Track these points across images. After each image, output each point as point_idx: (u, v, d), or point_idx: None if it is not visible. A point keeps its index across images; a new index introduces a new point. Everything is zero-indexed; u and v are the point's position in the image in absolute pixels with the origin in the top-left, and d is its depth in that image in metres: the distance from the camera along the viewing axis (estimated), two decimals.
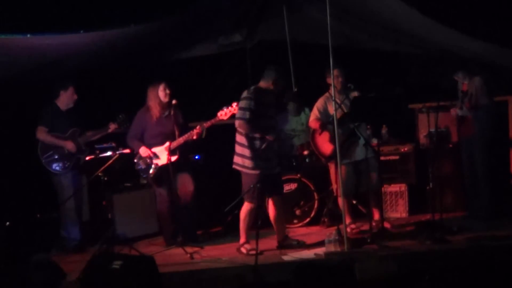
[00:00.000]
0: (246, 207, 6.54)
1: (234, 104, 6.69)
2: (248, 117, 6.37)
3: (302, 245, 6.63)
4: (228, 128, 6.80)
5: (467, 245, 6.19)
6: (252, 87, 6.53)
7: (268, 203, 6.64)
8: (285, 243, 6.69)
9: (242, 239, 6.60)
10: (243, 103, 6.44)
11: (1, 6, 6.13)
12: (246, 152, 6.45)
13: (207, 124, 6.84)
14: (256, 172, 6.42)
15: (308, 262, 6.06)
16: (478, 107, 7.03)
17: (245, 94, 6.49)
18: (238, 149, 6.53)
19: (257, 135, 6.43)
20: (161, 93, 7.02)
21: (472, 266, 5.66)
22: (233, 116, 6.67)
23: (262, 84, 6.55)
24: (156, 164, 7.03)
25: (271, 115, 6.59)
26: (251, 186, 6.36)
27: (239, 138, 6.52)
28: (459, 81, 7.23)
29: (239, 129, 6.48)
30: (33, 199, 7.44)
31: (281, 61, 7.65)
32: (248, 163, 6.45)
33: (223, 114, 6.77)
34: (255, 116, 6.39)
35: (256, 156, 6.43)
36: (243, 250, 6.55)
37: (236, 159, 6.54)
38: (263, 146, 6.40)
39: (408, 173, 7.83)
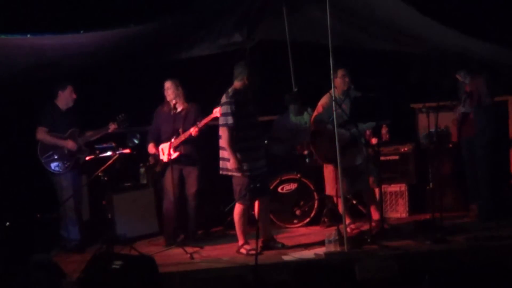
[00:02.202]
0: (238, 208, 6.53)
1: None
2: (231, 122, 6.34)
3: (286, 248, 6.62)
4: None
5: (467, 245, 6.19)
6: (230, 90, 6.47)
7: (254, 203, 6.65)
8: (270, 244, 6.68)
9: (241, 241, 6.60)
10: (224, 109, 6.40)
11: (1, 6, 6.12)
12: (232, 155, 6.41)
13: (201, 122, 6.88)
14: (246, 174, 6.41)
15: (308, 262, 6.06)
16: (480, 106, 7.02)
17: (224, 99, 6.45)
18: (223, 154, 6.49)
19: (240, 138, 6.40)
20: (165, 92, 7.11)
21: (472, 266, 5.67)
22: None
23: (237, 84, 6.50)
24: (162, 160, 7.11)
25: (252, 113, 6.56)
26: (245, 189, 6.35)
27: (220, 142, 6.50)
28: (461, 79, 7.22)
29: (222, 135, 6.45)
30: (33, 199, 7.44)
31: (281, 61, 7.65)
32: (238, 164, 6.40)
33: (217, 111, 6.77)
34: (238, 118, 6.36)
35: (244, 158, 6.40)
36: (243, 251, 6.54)
37: (223, 164, 6.51)
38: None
39: (408, 173, 7.83)
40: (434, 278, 5.35)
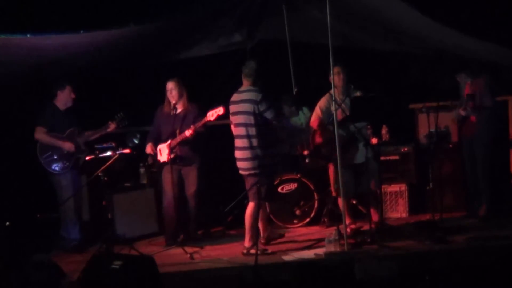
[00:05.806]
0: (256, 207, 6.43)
1: (221, 108, 6.64)
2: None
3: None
4: (228, 129, 6.79)
5: (467, 245, 6.20)
6: (256, 89, 6.42)
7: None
8: (271, 237, 6.76)
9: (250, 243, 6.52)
10: (267, 102, 6.30)
11: (1, 6, 6.13)
12: (261, 152, 6.36)
13: (197, 124, 6.86)
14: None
15: (308, 262, 6.07)
16: (482, 108, 7.02)
17: (256, 95, 6.35)
18: (245, 154, 6.39)
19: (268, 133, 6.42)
20: (167, 93, 7.08)
21: (472, 266, 5.67)
22: (219, 118, 6.71)
23: (248, 83, 6.47)
24: (159, 161, 7.12)
25: None
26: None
27: (247, 142, 6.38)
28: (461, 81, 7.22)
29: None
30: (33, 199, 7.44)
31: (281, 61, 7.65)
32: (266, 161, 6.36)
33: (211, 115, 6.74)
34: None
35: (271, 153, 6.40)
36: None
37: (248, 164, 6.38)
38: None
39: (408, 173, 7.84)
40: (434, 278, 5.35)
